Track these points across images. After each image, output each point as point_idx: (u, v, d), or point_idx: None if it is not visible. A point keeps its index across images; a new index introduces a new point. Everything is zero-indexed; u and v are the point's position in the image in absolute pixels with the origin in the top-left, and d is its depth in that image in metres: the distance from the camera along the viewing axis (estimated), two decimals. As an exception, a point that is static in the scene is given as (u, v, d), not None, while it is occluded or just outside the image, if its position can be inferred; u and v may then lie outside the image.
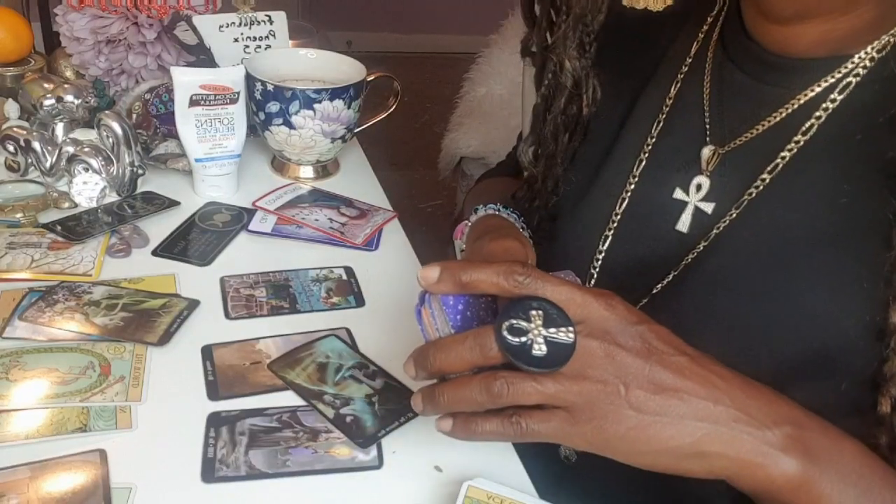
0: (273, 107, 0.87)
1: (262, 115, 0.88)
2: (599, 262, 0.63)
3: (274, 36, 0.99)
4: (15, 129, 0.83)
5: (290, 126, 0.88)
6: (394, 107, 1.01)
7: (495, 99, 1.80)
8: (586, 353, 0.43)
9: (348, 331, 0.69)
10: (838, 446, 0.45)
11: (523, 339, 0.43)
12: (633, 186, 0.62)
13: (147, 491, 0.52)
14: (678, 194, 0.59)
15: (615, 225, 0.62)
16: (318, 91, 0.86)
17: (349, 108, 0.89)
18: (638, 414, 0.43)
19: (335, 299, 0.73)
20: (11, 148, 0.83)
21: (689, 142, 0.60)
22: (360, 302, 0.73)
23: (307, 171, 0.95)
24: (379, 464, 0.56)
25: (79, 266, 0.73)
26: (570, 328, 0.43)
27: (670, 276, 0.58)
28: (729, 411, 0.44)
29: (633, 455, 0.44)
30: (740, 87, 0.58)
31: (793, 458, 0.43)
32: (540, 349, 0.42)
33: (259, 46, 0.98)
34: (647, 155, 0.62)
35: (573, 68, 0.64)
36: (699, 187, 0.58)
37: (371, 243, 0.82)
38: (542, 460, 0.68)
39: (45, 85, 0.90)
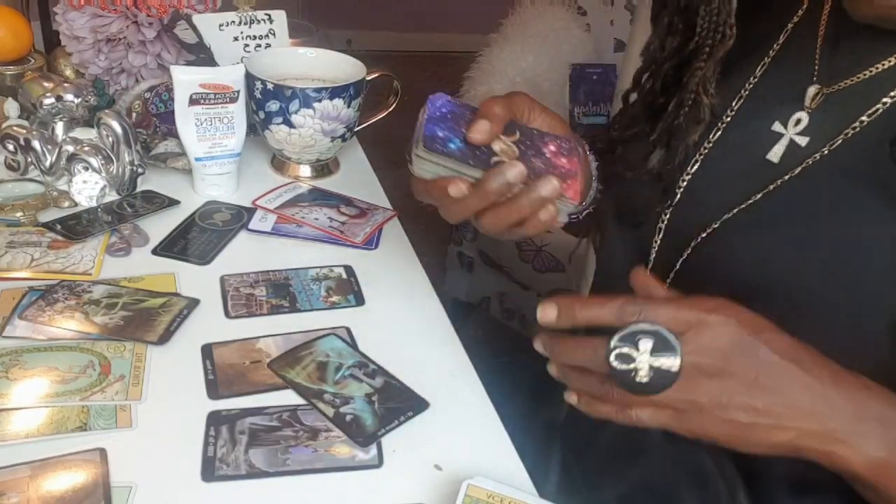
0: (273, 106, 0.87)
1: (261, 114, 0.88)
2: (685, 183, 0.64)
3: (274, 35, 0.99)
4: (15, 128, 0.83)
5: (290, 125, 0.88)
6: (394, 105, 1.01)
7: (495, 98, 1.80)
8: (693, 373, 0.47)
9: (348, 330, 0.69)
10: None
11: (630, 366, 0.46)
12: (728, 119, 0.64)
13: (147, 490, 0.52)
14: (776, 127, 0.61)
15: (706, 150, 0.64)
16: (318, 90, 0.86)
17: (349, 106, 0.89)
18: (737, 424, 0.49)
19: (335, 298, 0.73)
20: (11, 147, 0.83)
21: (794, 81, 0.61)
22: (359, 301, 0.73)
23: (307, 170, 0.95)
24: (379, 463, 0.56)
25: (79, 265, 0.73)
26: (677, 356, 0.46)
27: (751, 200, 0.59)
28: (823, 414, 0.49)
29: (733, 447, 0.50)
30: (857, 32, 0.58)
31: (878, 452, 0.48)
32: (643, 378, 0.46)
33: (259, 45, 0.98)
34: (747, 93, 0.64)
35: (729, 11, 0.65)
36: (798, 122, 0.59)
37: (371, 242, 0.82)
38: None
39: (45, 84, 0.90)
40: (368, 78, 0.92)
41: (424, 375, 0.64)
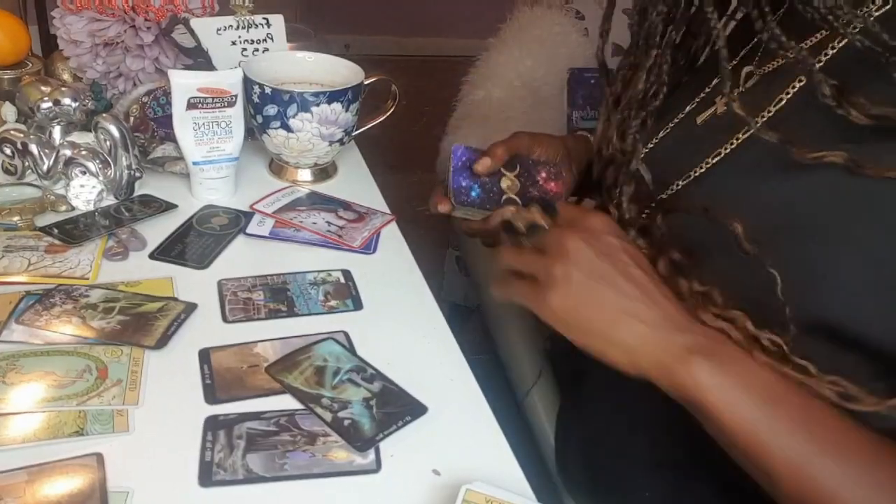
0: (271, 110, 0.87)
1: (259, 118, 0.88)
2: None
3: (272, 39, 0.99)
4: (12, 131, 0.83)
5: (288, 129, 0.88)
6: (392, 110, 1.01)
7: (493, 102, 1.80)
8: (558, 239, 0.55)
9: (346, 334, 0.69)
10: (745, 357, 0.51)
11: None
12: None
13: (144, 495, 0.52)
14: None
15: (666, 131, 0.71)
16: (316, 94, 0.86)
17: (347, 110, 0.89)
18: (572, 293, 0.54)
19: (333, 302, 0.73)
20: (8, 151, 0.83)
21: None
22: (357, 305, 0.73)
23: (305, 174, 0.95)
24: (377, 467, 0.56)
25: (76, 269, 0.73)
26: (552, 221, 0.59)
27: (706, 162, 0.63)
28: (651, 313, 0.53)
29: (567, 329, 0.55)
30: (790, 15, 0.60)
31: (702, 360, 0.51)
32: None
33: (257, 49, 0.98)
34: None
35: None
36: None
37: (369, 246, 0.82)
38: None
39: (43, 88, 0.90)
40: (366, 82, 0.92)
41: (423, 380, 0.64)
